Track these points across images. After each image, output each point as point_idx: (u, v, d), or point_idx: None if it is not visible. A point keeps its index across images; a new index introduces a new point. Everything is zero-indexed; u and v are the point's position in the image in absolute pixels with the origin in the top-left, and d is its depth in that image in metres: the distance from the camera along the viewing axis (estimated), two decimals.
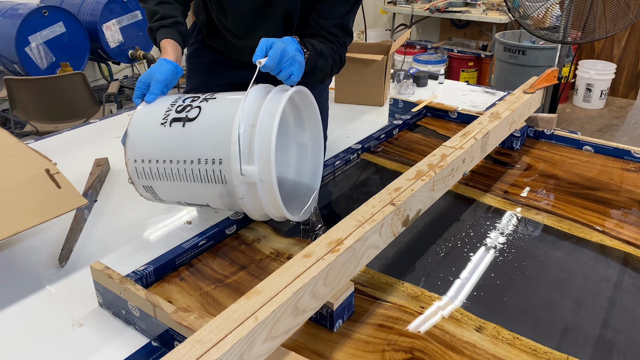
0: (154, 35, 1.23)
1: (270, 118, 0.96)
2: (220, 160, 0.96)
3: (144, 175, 1.06)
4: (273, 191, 0.95)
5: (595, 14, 2.12)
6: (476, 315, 0.89)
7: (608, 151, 1.48)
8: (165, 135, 1.03)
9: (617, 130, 4.16)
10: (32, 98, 2.80)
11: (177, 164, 1.01)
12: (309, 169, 1.21)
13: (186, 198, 1.08)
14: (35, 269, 1.10)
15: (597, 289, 0.96)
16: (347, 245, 0.85)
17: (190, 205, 1.12)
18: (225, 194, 1.00)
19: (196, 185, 1.01)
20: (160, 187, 1.07)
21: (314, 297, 0.79)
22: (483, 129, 1.28)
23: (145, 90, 1.11)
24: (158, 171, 1.04)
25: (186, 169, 1.00)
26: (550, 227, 1.15)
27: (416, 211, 1.04)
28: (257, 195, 0.96)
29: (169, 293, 0.96)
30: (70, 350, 0.89)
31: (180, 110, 1.05)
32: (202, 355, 0.64)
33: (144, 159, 1.05)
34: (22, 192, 1.02)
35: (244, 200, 0.98)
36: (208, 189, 1.01)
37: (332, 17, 1.24)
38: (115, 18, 4.05)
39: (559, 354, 0.82)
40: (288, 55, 1.02)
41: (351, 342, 0.84)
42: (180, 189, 1.04)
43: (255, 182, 0.95)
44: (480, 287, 0.96)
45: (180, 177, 1.02)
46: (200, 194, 1.04)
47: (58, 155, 1.56)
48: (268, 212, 1.01)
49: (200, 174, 0.99)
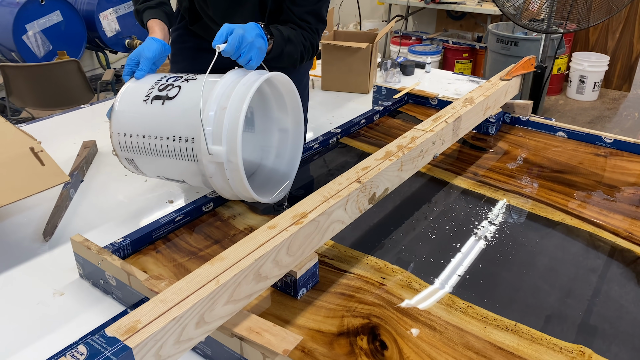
0: (140, 17, 1.29)
1: (240, 101, 1.00)
2: (192, 139, 1.01)
3: (126, 148, 1.12)
4: (239, 172, 1.00)
5: (579, 4, 2.15)
6: (433, 286, 0.94)
7: (580, 137, 1.52)
8: (146, 112, 1.09)
9: (609, 121, 4.19)
10: (28, 85, 2.85)
11: (155, 139, 1.06)
12: (289, 154, 1.25)
13: (164, 173, 1.13)
14: (21, 243, 1.15)
15: (553, 258, 1.01)
16: (310, 218, 0.89)
17: (169, 180, 1.17)
18: (197, 171, 1.05)
19: (172, 161, 1.06)
20: (140, 161, 1.13)
21: (276, 265, 0.84)
22: (455, 113, 1.33)
23: (134, 68, 1.17)
24: (138, 145, 1.09)
25: (162, 145, 1.06)
26: (515, 206, 1.20)
27: (383, 189, 1.09)
28: (225, 174, 1.01)
29: (144, 264, 1.01)
30: (50, 316, 0.94)
31: (162, 88, 1.10)
32: (164, 313, 0.69)
33: (126, 133, 1.10)
34: (7, 169, 1.07)
35: (213, 179, 1.03)
36: (182, 165, 1.06)
37: (305, 4, 1.28)
38: (112, 7, 4.09)
39: (508, 320, 0.86)
40: (246, 41, 1.06)
41: (313, 308, 0.89)
42: (158, 163, 1.10)
43: (222, 162, 0.99)
44: (441, 260, 1.01)
45: (158, 153, 1.07)
46: (176, 170, 1.09)
47: (48, 138, 1.61)
48: (237, 192, 1.05)
49: (175, 151, 1.04)
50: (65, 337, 0.89)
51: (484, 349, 0.81)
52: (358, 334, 0.84)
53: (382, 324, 0.86)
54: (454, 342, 0.82)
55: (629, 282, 0.96)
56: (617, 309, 0.90)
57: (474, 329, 0.85)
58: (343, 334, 0.84)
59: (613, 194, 1.25)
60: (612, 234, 1.09)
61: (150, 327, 0.67)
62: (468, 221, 1.14)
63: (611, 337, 0.84)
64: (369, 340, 0.82)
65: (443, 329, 0.85)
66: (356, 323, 0.86)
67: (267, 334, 0.76)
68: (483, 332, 0.84)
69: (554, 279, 0.97)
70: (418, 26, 5.75)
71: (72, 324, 0.93)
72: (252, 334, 0.76)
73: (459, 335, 0.84)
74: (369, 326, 0.85)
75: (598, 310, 0.89)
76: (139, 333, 0.66)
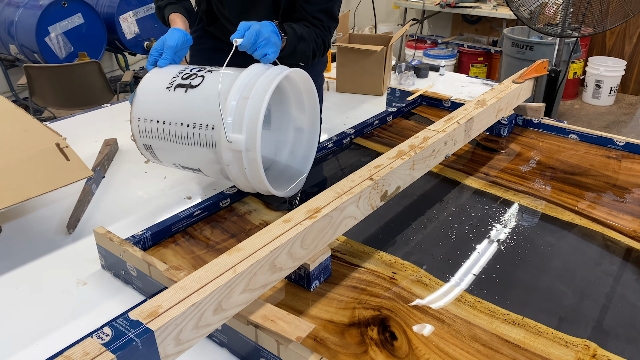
0: (162, 13, 1.33)
1: (263, 92, 1.03)
2: (212, 127, 1.05)
3: (145, 133, 1.16)
4: (256, 161, 1.03)
5: (594, 9, 2.16)
6: (442, 281, 0.97)
7: (592, 139, 1.54)
8: (168, 99, 1.12)
9: (625, 126, 4.17)
10: (50, 85, 2.93)
11: (175, 126, 1.10)
12: (303, 152, 1.28)
13: (181, 160, 1.16)
14: (45, 235, 1.20)
15: (562, 257, 1.03)
16: (324, 213, 0.93)
17: (184, 168, 1.20)
18: (214, 160, 1.08)
19: (190, 148, 1.10)
20: (158, 147, 1.16)
21: (290, 257, 0.87)
22: (467, 114, 1.35)
23: (157, 57, 1.21)
24: (158, 131, 1.13)
25: (182, 132, 1.09)
26: (525, 206, 1.22)
27: (395, 187, 1.12)
28: (242, 163, 1.04)
29: (164, 256, 1.05)
30: (73, 304, 0.99)
31: (185, 77, 1.14)
32: (184, 299, 0.72)
33: (146, 118, 1.14)
34: (34, 163, 1.12)
35: (230, 167, 1.06)
36: (200, 153, 1.09)
37: (317, 3, 1.32)
38: (132, 10, 4.16)
39: (515, 315, 0.89)
40: (263, 36, 1.10)
41: (325, 300, 0.92)
42: (176, 150, 1.13)
43: (241, 150, 1.02)
44: (451, 257, 1.04)
45: (177, 139, 1.10)
46: (194, 157, 1.13)
47: (71, 136, 1.66)
48: (252, 182, 1.08)
49: (195, 138, 1.08)
50: (88, 324, 0.94)
51: (490, 341, 0.84)
52: (369, 324, 0.87)
53: (392, 316, 0.88)
54: (462, 334, 0.85)
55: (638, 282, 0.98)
56: (630, 309, 0.91)
57: (481, 322, 0.87)
58: (354, 325, 0.87)
59: (623, 195, 1.26)
60: (622, 234, 1.11)
61: (171, 312, 0.70)
62: (479, 220, 1.17)
63: (624, 337, 0.86)
64: (379, 331, 0.85)
65: (451, 322, 0.87)
66: (367, 315, 0.89)
67: (281, 321, 0.80)
68: (490, 326, 0.87)
69: (565, 279, 0.99)
70: (433, 30, 5.76)
71: (95, 312, 0.97)
72: (267, 322, 0.80)
73: (467, 328, 0.86)
74: (379, 318, 0.88)
75: (610, 310, 0.91)
76: (160, 317, 0.69)
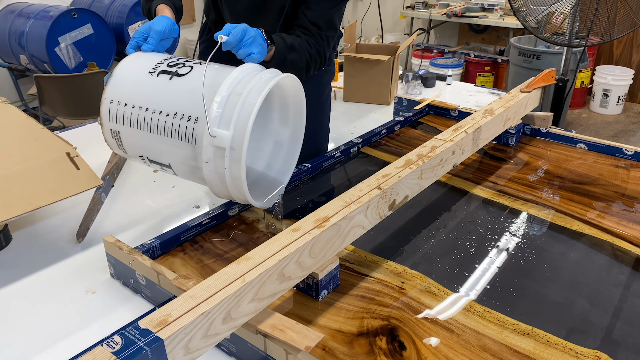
0: (148, 6, 1.28)
1: (258, 91, 0.97)
2: (196, 119, 0.97)
3: (115, 117, 1.07)
4: (240, 163, 0.94)
5: (601, 18, 2.16)
6: (451, 291, 0.97)
7: (601, 148, 1.53)
8: (149, 84, 1.05)
9: (633, 135, 4.15)
10: (60, 95, 2.95)
11: (153, 113, 1.02)
12: (279, 167, 1.19)
13: (150, 152, 1.07)
14: (55, 243, 1.20)
15: (571, 267, 1.02)
16: (332, 222, 0.93)
17: (151, 162, 1.10)
18: (191, 155, 1.00)
19: (165, 139, 1.01)
20: (127, 135, 1.07)
21: (299, 267, 0.88)
22: (475, 124, 1.35)
23: (141, 42, 1.14)
24: (131, 117, 1.04)
25: (160, 120, 1.01)
26: (534, 215, 1.21)
27: (403, 196, 1.12)
28: (222, 163, 0.96)
29: (172, 265, 1.05)
30: (82, 313, 0.99)
31: (171, 65, 1.07)
32: (193, 308, 0.73)
33: (120, 101, 1.06)
34: (45, 172, 1.13)
35: (208, 165, 0.97)
36: (176, 146, 1.01)
37: (317, 9, 1.32)
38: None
39: (524, 325, 0.88)
40: (249, 35, 1.08)
41: (334, 309, 0.92)
42: (148, 141, 1.04)
43: (224, 148, 0.94)
44: (459, 267, 1.03)
45: (152, 128, 1.02)
46: (167, 151, 1.04)
47: (80, 145, 1.67)
48: (229, 185, 0.99)
49: (173, 129, 1.00)
50: (97, 333, 0.94)
51: (500, 351, 0.83)
52: (377, 334, 0.86)
53: (401, 326, 0.88)
54: (471, 344, 0.84)
55: None
56: None
57: (490, 332, 0.87)
58: (363, 334, 0.86)
59: (633, 204, 1.25)
60: (631, 244, 1.10)
61: (180, 320, 0.70)
62: (487, 229, 1.16)
63: (634, 348, 0.85)
64: (387, 340, 0.85)
65: (460, 332, 0.87)
66: (375, 324, 0.89)
67: (290, 331, 0.80)
68: (500, 336, 0.86)
69: (574, 288, 0.98)
70: (440, 39, 5.78)
71: (103, 321, 0.97)
72: (275, 331, 0.80)
73: (476, 338, 0.86)
74: (388, 327, 0.88)
75: (620, 320, 0.90)
76: (170, 326, 0.70)
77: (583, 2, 2.21)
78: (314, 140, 1.58)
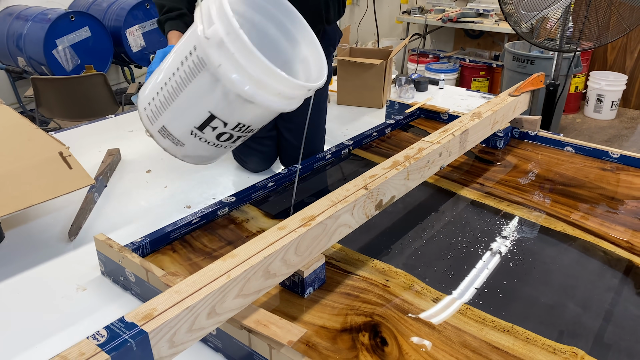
0: (162, 27, 1.37)
1: None
2: (194, 47, 1.00)
3: (153, 115, 1.12)
4: (240, 37, 0.94)
5: (591, 24, 2.19)
6: (435, 289, 0.99)
7: (588, 152, 1.55)
8: (159, 69, 1.12)
9: (626, 140, 4.18)
10: (56, 96, 2.97)
11: (169, 80, 1.07)
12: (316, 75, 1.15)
13: (193, 118, 1.09)
14: (47, 242, 1.22)
15: (554, 267, 1.04)
16: (318, 220, 0.95)
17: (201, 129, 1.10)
18: (212, 80, 1.01)
19: (189, 89, 1.04)
20: (168, 120, 1.11)
21: (284, 264, 0.89)
22: (462, 126, 1.38)
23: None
24: (161, 102, 1.10)
25: (177, 80, 1.05)
26: (520, 217, 1.23)
27: (390, 197, 1.14)
28: (229, 52, 0.96)
29: (162, 262, 1.07)
30: (73, 310, 1.01)
31: None
32: (178, 303, 0.74)
33: (149, 100, 1.12)
34: (37, 171, 1.14)
35: (222, 67, 0.97)
36: (198, 85, 1.03)
37: None
38: (138, 24, 4.23)
39: (504, 322, 0.90)
40: None
41: (319, 306, 0.94)
42: (181, 108, 1.08)
43: (222, 39, 0.95)
44: (444, 265, 1.05)
45: (176, 92, 1.06)
46: (197, 99, 1.05)
47: (75, 145, 1.70)
48: (249, 68, 0.97)
49: (186, 74, 1.03)
50: (87, 329, 0.96)
51: (480, 347, 0.85)
52: (360, 330, 0.88)
53: (384, 322, 0.90)
54: (452, 340, 0.86)
55: (630, 292, 0.99)
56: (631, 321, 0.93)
57: (471, 329, 0.89)
58: (346, 330, 0.88)
59: (617, 206, 1.28)
60: (613, 245, 1.12)
61: (165, 314, 0.72)
62: (473, 230, 1.18)
63: (616, 347, 0.87)
64: (370, 336, 0.87)
65: (442, 329, 0.89)
66: (359, 321, 0.91)
67: (274, 326, 0.81)
68: (480, 333, 0.88)
69: (560, 288, 1.00)
70: (436, 44, 5.81)
71: (93, 317, 0.99)
72: (259, 326, 0.82)
73: (457, 335, 0.88)
74: (371, 324, 0.90)
75: (593, 314, 0.93)
76: (154, 319, 0.71)
77: (574, 7, 2.24)
78: (311, 141, 1.61)
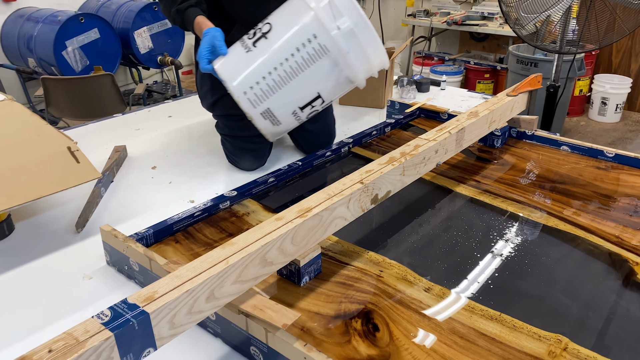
0: (182, 16, 1.35)
1: None
2: (314, 35, 1.09)
3: (257, 99, 1.17)
4: (368, 26, 1.08)
5: (590, 26, 2.22)
6: (426, 279, 1.02)
7: (583, 151, 1.58)
8: (258, 54, 1.16)
9: (630, 143, 4.19)
10: (65, 96, 3.03)
11: (282, 65, 1.13)
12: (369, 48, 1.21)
13: (299, 99, 1.17)
14: (55, 233, 1.27)
15: (544, 260, 1.08)
16: (314, 212, 0.99)
17: (302, 110, 1.20)
18: (332, 64, 1.11)
19: (306, 73, 1.12)
20: (275, 103, 1.17)
21: (281, 253, 0.93)
22: (459, 125, 1.41)
23: (210, 57, 1.24)
24: (269, 85, 1.15)
25: (291, 65, 1.12)
26: (513, 212, 1.27)
27: (385, 192, 1.17)
28: (357, 40, 1.08)
29: (165, 252, 1.11)
30: (79, 297, 1.05)
31: (252, 36, 1.18)
32: (179, 286, 0.78)
33: (252, 85, 1.16)
34: (46, 165, 1.19)
35: (350, 55, 1.09)
36: (317, 69, 1.12)
37: None
38: (147, 26, 4.29)
39: (492, 311, 0.94)
40: None
41: (314, 294, 0.98)
42: (292, 90, 1.15)
43: (351, 28, 1.06)
44: (437, 258, 1.09)
45: (291, 75, 1.13)
46: (311, 81, 1.15)
47: (83, 142, 1.74)
48: (373, 55, 1.12)
49: (304, 59, 1.11)
50: (92, 314, 0.99)
51: (468, 334, 0.88)
52: (353, 317, 0.92)
53: (376, 310, 0.94)
54: (441, 327, 0.90)
55: (615, 283, 1.02)
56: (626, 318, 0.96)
57: (460, 317, 0.92)
58: (340, 317, 0.92)
59: (609, 203, 1.31)
60: (603, 239, 1.15)
61: (166, 297, 0.76)
62: (468, 225, 1.22)
63: (600, 337, 0.90)
64: (362, 322, 0.91)
65: (432, 316, 0.92)
66: (352, 308, 0.94)
67: (270, 310, 0.85)
68: (469, 320, 0.92)
69: (550, 280, 1.03)
70: (441, 47, 5.84)
71: (98, 304, 1.03)
72: (256, 311, 0.85)
73: (446, 322, 0.91)
74: (364, 311, 0.93)
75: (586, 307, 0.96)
76: (156, 301, 0.75)
77: (575, 9, 2.27)
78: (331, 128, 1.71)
